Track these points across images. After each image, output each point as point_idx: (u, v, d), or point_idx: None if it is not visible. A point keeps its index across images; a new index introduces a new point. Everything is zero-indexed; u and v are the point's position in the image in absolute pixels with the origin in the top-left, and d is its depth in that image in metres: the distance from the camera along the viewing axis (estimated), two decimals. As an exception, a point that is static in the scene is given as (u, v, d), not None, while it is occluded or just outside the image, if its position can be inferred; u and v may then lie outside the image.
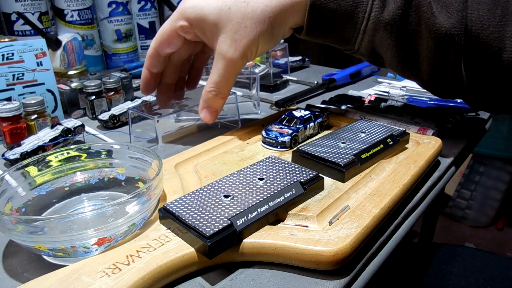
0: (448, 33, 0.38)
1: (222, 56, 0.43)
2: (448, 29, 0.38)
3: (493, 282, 0.58)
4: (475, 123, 0.56)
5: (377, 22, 0.40)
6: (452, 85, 0.42)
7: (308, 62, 0.90)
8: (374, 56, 0.44)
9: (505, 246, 1.61)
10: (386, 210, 0.33)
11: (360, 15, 0.40)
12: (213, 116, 0.46)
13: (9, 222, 0.27)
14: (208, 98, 0.45)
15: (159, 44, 0.47)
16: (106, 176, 0.39)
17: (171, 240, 0.29)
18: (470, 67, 0.40)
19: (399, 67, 0.43)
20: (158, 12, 0.92)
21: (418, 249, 0.69)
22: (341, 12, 0.41)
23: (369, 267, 0.31)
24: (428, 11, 0.39)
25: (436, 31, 0.39)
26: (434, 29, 0.39)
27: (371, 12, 0.40)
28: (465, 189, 1.70)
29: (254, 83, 0.60)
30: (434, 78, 0.43)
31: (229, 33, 0.42)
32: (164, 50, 0.47)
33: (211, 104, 0.46)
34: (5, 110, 0.49)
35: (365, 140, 0.41)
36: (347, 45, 0.44)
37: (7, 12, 0.71)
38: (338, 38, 0.43)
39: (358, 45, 0.43)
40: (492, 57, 0.38)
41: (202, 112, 0.46)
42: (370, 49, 0.43)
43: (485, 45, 0.38)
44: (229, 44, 0.42)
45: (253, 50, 0.43)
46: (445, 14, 0.38)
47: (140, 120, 0.51)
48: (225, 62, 0.43)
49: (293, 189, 0.33)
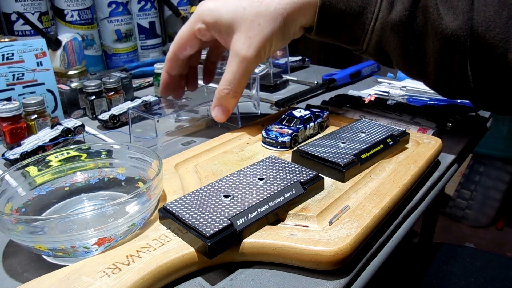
0: (454, 34, 0.39)
1: (236, 54, 0.44)
2: (454, 30, 0.39)
3: (493, 282, 0.58)
4: (476, 122, 0.56)
5: (384, 23, 0.41)
6: (458, 86, 0.43)
7: (308, 62, 0.90)
8: (382, 56, 0.45)
9: (505, 246, 1.61)
10: (386, 210, 0.33)
11: (369, 16, 0.42)
12: (225, 115, 0.47)
13: (9, 222, 0.27)
14: (221, 96, 0.46)
15: (178, 47, 0.48)
16: (106, 176, 0.39)
17: (171, 240, 0.29)
18: (476, 68, 0.41)
19: (405, 67, 0.44)
20: (158, 12, 0.92)
21: (418, 249, 0.69)
22: (350, 12, 0.42)
23: (369, 267, 0.31)
24: (435, 13, 0.39)
25: (442, 32, 0.39)
26: (440, 30, 0.39)
27: (379, 13, 0.41)
28: (465, 189, 1.70)
29: (254, 83, 0.60)
30: (440, 78, 0.43)
31: (243, 31, 0.43)
32: (183, 53, 0.48)
33: (223, 103, 0.46)
34: (5, 110, 0.49)
35: (365, 140, 0.41)
36: (356, 45, 0.45)
37: (7, 12, 0.71)
38: (347, 38, 0.44)
39: (366, 45, 0.44)
40: (497, 58, 0.39)
41: (214, 110, 0.47)
42: (378, 49, 0.44)
43: (491, 46, 0.38)
44: (243, 41, 0.43)
45: (266, 48, 0.44)
46: (451, 16, 0.39)
47: (140, 120, 0.51)
48: (239, 60, 0.44)
49: (293, 189, 0.33)
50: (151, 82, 0.77)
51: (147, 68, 0.80)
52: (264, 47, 0.44)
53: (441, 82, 0.44)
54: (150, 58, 0.91)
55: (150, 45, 0.91)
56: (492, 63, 0.40)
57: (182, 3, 0.96)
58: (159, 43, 0.93)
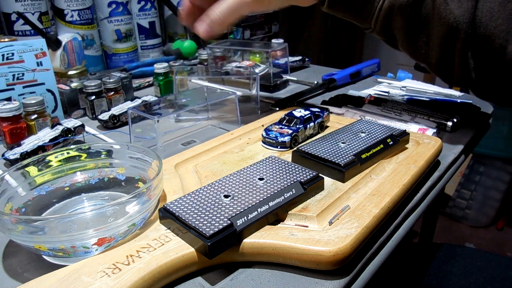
0: (456, 20, 0.40)
1: None
2: (457, 16, 0.40)
3: (493, 282, 0.58)
4: (478, 118, 0.56)
5: (392, 2, 0.43)
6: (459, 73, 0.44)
7: (308, 62, 0.90)
8: (389, 37, 0.47)
9: (505, 246, 1.61)
10: (386, 210, 0.33)
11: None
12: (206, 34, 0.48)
13: (9, 222, 0.27)
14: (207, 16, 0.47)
15: None
16: (106, 176, 0.39)
17: (171, 240, 0.29)
18: (477, 56, 0.42)
19: (410, 49, 0.46)
20: (158, 12, 0.92)
21: (418, 249, 0.69)
22: None
23: (369, 267, 0.31)
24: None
25: (446, 17, 0.41)
26: (444, 15, 0.41)
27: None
28: (465, 189, 1.70)
29: (254, 83, 0.60)
30: (442, 64, 0.44)
31: None
32: None
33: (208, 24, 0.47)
34: (5, 110, 0.49)
35: (365, 140, 0.41)
36: (365, 23, 0.46)
37: (7, 12, 0.71)
38: (356, 14, 0.46)
39: (374, 24, 0.45)
40: (498, 49, 0.40)
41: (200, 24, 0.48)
42: (385, 28, 0.45)
43: (492, 36, 0.39)
44: None
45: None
46: (456, 3, 0.40)
47: (140, 120, 0.51)
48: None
49: (293, 189, 0.33)
50: (151, 82, 0.77)
51: (147, 68, 0.80)
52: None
53: (443, 68, 0.45)
54: (150, 58, 0.91)
55: (150, 45, 0.91)
56: (492, 53, 0.40)
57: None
58: (159, 43, 0.93)
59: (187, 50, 0.85)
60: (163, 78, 0.69)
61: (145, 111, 0.50)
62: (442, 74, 0.46)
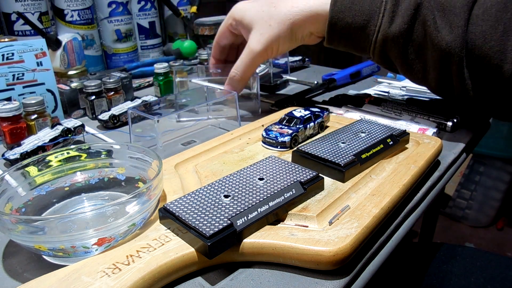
0: (448, 46, 0.42)
1: (248, 46, 0.53)
2: (449, 42, 0.42)
3: (493, 282, 0.58)
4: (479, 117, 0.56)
5: (385, 35, 0.46)
6: (458, 93, 0.46)
7: (308, 62, 0.90)
8: (388, 64, 0.50)
9: (505, 246, 1.61)
10: (386, 210, 0.33)
11: (372, 28, 0.47)
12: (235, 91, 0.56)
13: (9, 222, 0.27)
14: (230, 78, 0.56)
15: (217, 37, 0.60)
16: (106, 176, 0.39)
17: (171, 240, 0.29)
18: (474, 77, 0.43)
19: (408, 74, 0.49)
20: (158, 12, 0.92)
21: (418, 249, 0.69)
22: (356, 26, 0.47)
23: (369, 267, 0.31)
24: (432, 26, 0.43)
25: (438, 43, 0.43)
26: (436, 42, 0.43)
27: (381, 26, 0.46)
28: (465, 189, 1.70)
29: (254, 83, 0.60)
30: (441, 86, 0.47)
31: (258, 29, 0.52)
32: (222, 42, 0.60)
33: (232, 84, 0.56)
34: (5, 110, 0.49)
35: (365, 140, 0.41)
36: (365, 53, 0.50)
37: (7, 12, 0.71)
38: (355, 47, 0.50)
39: (372, 54, 0.49)
40: (494, 69, 0.41)
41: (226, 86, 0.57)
42: (383, 57, 0.49)
43: (487, 57, 0.41)
44: (256, 37, 0.52)
45: (273, 47, 0.53)
46: (447, 29, 0.42)
47: (140, 120, 0.51)
48: (248, 51, 0.53)
49: (293, 189, 0.33)
50: (151, 82, 0.77)
51: (147, 68, 0.80)
52: (271, 45, 0.52)
53: (442, 89, 0.47)
54: (150, 58, 0.91)
55: (150, 45, 0.91)
56: (489, 73, 0.42)
57: (182, 3, 0.96)
58: (159, 43, 0.93)
59: (187, 50, 0.85)
60: (163, 78, 0.69)
61: (145, 111, 0.50)
62: (443, 95, 0.49)
